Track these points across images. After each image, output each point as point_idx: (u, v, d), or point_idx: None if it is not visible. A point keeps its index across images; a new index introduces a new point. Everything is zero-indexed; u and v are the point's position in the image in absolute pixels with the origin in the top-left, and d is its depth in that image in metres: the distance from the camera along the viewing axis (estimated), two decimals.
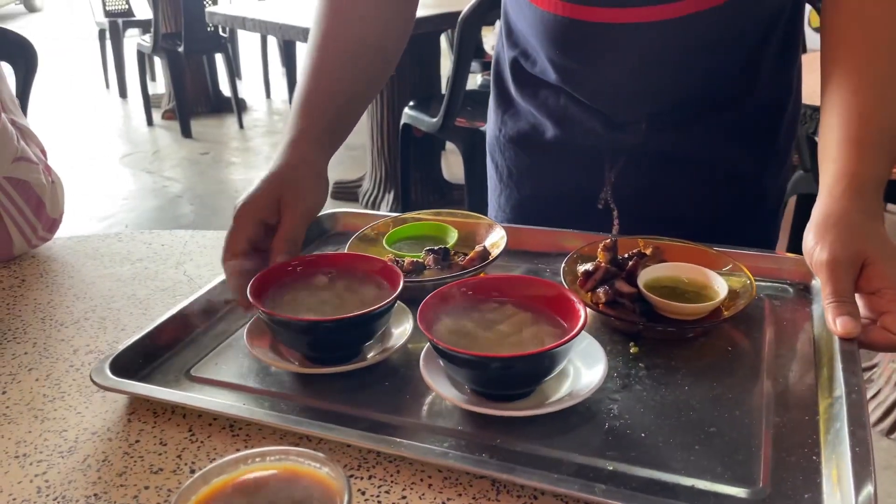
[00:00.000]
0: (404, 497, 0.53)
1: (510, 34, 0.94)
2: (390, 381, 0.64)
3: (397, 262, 0.80)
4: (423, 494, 0.53)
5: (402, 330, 0.68)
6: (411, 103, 2.94)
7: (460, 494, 0.53)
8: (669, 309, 0.67)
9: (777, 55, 0.85)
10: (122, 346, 0.67)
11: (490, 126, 1.02)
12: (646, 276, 0.71)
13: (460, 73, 2.59)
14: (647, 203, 0.90)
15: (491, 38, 4.61)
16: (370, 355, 0.66)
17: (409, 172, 3.14)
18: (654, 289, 0.70)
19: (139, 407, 0.63)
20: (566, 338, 0.55)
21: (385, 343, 0.68)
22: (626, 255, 0.73)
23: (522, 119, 0.95)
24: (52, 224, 0.95)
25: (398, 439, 0.55)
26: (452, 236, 0.86)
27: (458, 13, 2.44)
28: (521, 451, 0.55)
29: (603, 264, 0.71)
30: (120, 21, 5.41)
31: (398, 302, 0.67)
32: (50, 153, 1.00)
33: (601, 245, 0.73)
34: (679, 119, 0.86)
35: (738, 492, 0.49)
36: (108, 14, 5.55)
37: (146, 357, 0.68)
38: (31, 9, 10.24)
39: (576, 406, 0.57)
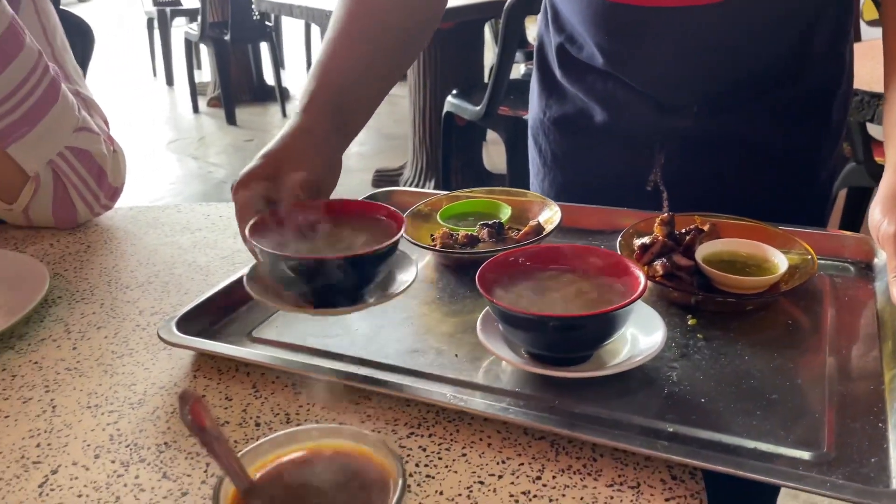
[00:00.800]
0: (464, 454, 0.53)
1: (556, 19, 0.94)
2: (446, 347, 0.65)
3: (451, 235, 0.81)
4: (483, 453, 0.54)
5: (406, 276, 0.65)
6: (454, 92, 2.95)
7: (519, 454, 0.53)
8: (728, 282, 0.67)
9: (829, 34, 0.84)
10: (187, 307, 0.69)
11: (533, 109, 1.02)
12: (703, 250, 0.71)
13: (505, 61, 2.58)
14: (697, 184, 0.89)
15: (534, 29, 4.59)
16: (371, 300, 0.63)
17: (451, 161, 3.15)
18: (712, 263, 0.69)
19: (204, 364, 0.65)
20: (628, 300, 0.55)
21: (388, 289, 0.64)
22: (682, 231, 0.73)
23: (568, 102, 0.95)
24: (114, 193, 0.98)
25: (460, 395, 0.56)
26: (505, 212, 0.87)
27: (503, 2, 2.44)
28: (579, 412, 0.55)
29: (660, 238, 0.71)
30: (168, 10, 5.51)
31: (404, 252, 0.67)
32: None
33: (658, 220, 0.73)
34: (730, 101, 0.85)
35: (802, 454, 0.49)
36: (156, 3, 5.66)
37: (210, 318, 0.70)
38: None
39: (634, 372, 0.58)
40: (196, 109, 5.06)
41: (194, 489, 0.51)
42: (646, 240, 0.71)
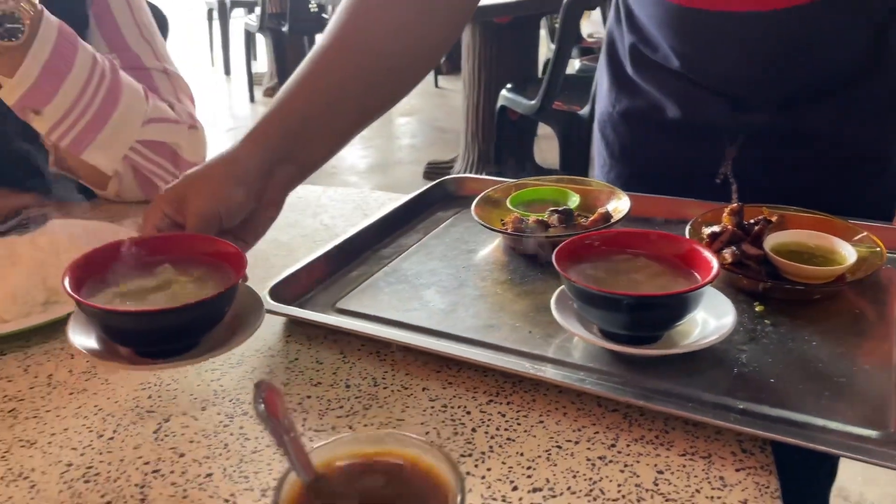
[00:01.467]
0: (541, 421, 0.57)
1: (630, 19, 0.95)
2: (520, 323, 0.69)
3: (522, 220, 0.84)
4: (559, 421, 0.57)
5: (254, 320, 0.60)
6: (509, 86, 2.97)
7: (594, 424, 0.57)
8: (796, 272, 0.69)
9: None
10: (278, 278, 0.74)
11: (602, 103, 1.04)
12: (772, 240, 0.73)
13: (561, 56, 2.60)
14: (767, 177, 0.90)
15: (587, 26, 4.58)
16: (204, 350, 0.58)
17: (503, 154, 3.18)
18: (780, 253, 0.71)
19: (294, 331, 0.70)
20: (701, 282, 0.58)
21: (236, 331, 0.59)
22: (751, 221, 0.75)
23: (640, 97, 0.96)
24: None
25: (539, 365, 0.59)
26: (574, 200, 0.90)
27: None
28: (651, 387, 0.58)
29: (729, 227, 0.74)
30: (227, 1, 5.64)
31: (252, 290, 0.63)
32: None
33: (727, 209, 0.75)
34: (805, 97, 0.86)
35: (869, 433, 0.51)
36: None
37: (298, 290, 0.75)
38: None
39: (704, 353, 0.60)
40: (252, 99, 5.18)
41: None
42: (715, 228, 0.74)
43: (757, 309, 0.68)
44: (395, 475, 0.40)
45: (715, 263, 0.61)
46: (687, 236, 0.75)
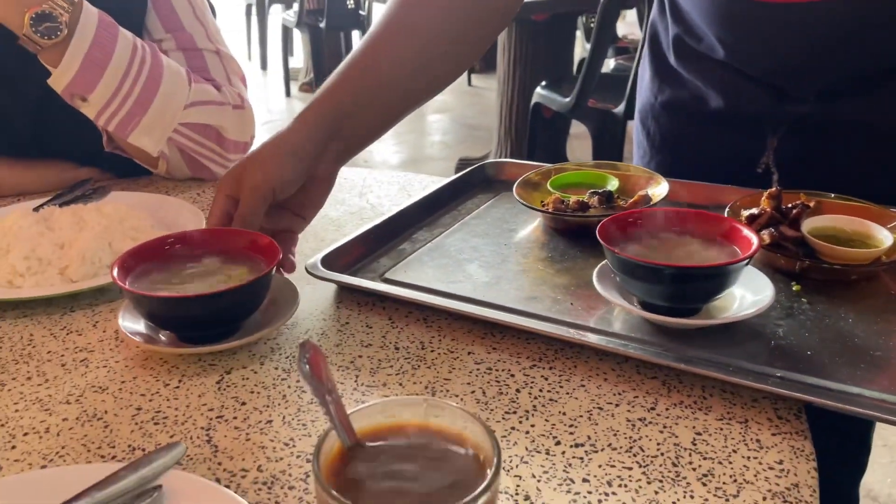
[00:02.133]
0: (583, 385, 0.60)
1: (674, 10, 0.96)
2: (561, 296, 0.71)
3: (562, 201, 0.87)
4: (600, 385, 0.59)
5: (290, 306, 0.67)
6: (543, 83, 2.99)
7: (634, 389, 0.59)
8: (833, 254, 0.71)
9: None
10: (328, 249, 0.77)
11: (643, 93, 1.05)
12: (809, 224, 0.74)
13: (598, 54, 2.61)
14: (809, 166, 0.91)
15: (623, 27, 4.57)
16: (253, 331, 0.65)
17: (535, 151, 3.19)
18: (818, 236, 0.73)
19: (345, 298, 0.73)
20: (742, 256, 0.60)
21: (270, 319, 0.66)
22: (789, 205, 0.77)
23: (682, 88, 0.98)
24: (243, 146, 1.06)
25: (581, 332, 0.62)
26: (613, 183, 0.92)
27: None
28: (691, 356, 0.60)
29: (768, 210, 0.75)
30: None
31: (287, 279, 0.69)
32: None
33: (766, 193, 0.77)
34: (849, 89, 0.87)
35: None
36: None
37: (348, 261, 0.78)
38: None
39: (742, 325, 0.62)
40: (288, 94, 5.26)
41: (347, 393, 0.59)
42: (754, 210, 0.76)
43: (794, 288, 0.70)
44: (433, 443, 0.40)
45: (755, 239, 0.63)
46: None
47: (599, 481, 0.50)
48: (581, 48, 3.95)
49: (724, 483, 0.49)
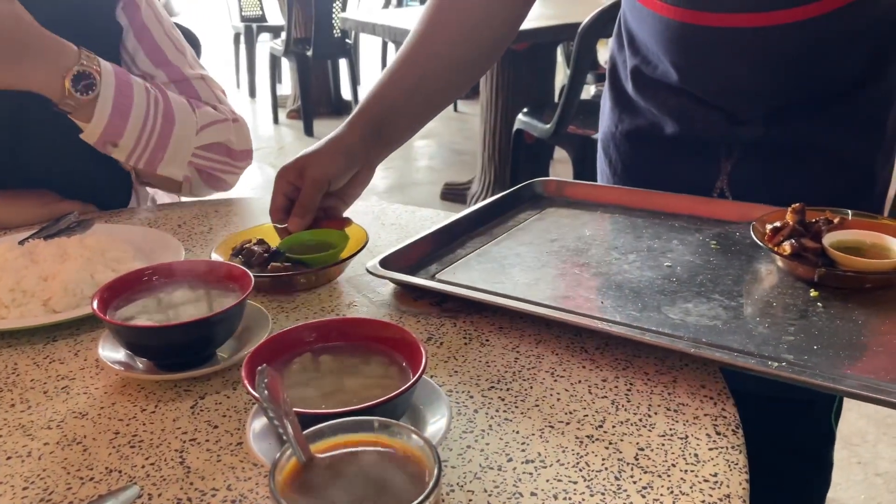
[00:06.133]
0: (537, 405, 0.63)
1: (632, 43, 1.01)
2: (594, 295, 0.77)
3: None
4: (553, 405, 0.63)
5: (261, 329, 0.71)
6: (525, 110, 3.05)
7: (584, 408, 0.63)
8: (851, 264, 0.74)
9: None
10: (384, 254, 0.83)
11: (605, 123, 1.09)
12: (831, 237, 0.78)
13: (576, 81, 2.68)
14: (762, 189, 0.94)
15: (604, 52, 4.67)
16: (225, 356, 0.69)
17: (519, 176, 3.25)
18: (839, 249, 0.77)
19: (401, 294, 0.82)
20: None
21: (244, 345, 0.70)
22: (813, 220, 0.81)
23: (640, 116, 1.02)
24: (245, 154, 1.14)
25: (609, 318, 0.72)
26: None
27: (576, 25, 2.53)
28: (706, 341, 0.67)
29: (791, 223, 0.80)
30: (254, 25, 5.81)
31: (259, 307, 0.74)
32: None
33: (790, 209, 0.81)
34: (799, 111, 0.91)
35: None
36: (243, 19, 5.98)
37: (403, 263, 0.84)
38: (170, 13, 11.08)
39: (755, 321, 0.71)
40: (276, 121, 5.32)
41: None
42: (777, 223, 0.80)
43: (811, 294, 0.74)
44: (381, 458, 0.44)
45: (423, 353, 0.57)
46: (751, 232, 0.81)
47: (546, 494, 0.53)
48: (563, 75, 4.02)
49: (661, 495, 0.53)
